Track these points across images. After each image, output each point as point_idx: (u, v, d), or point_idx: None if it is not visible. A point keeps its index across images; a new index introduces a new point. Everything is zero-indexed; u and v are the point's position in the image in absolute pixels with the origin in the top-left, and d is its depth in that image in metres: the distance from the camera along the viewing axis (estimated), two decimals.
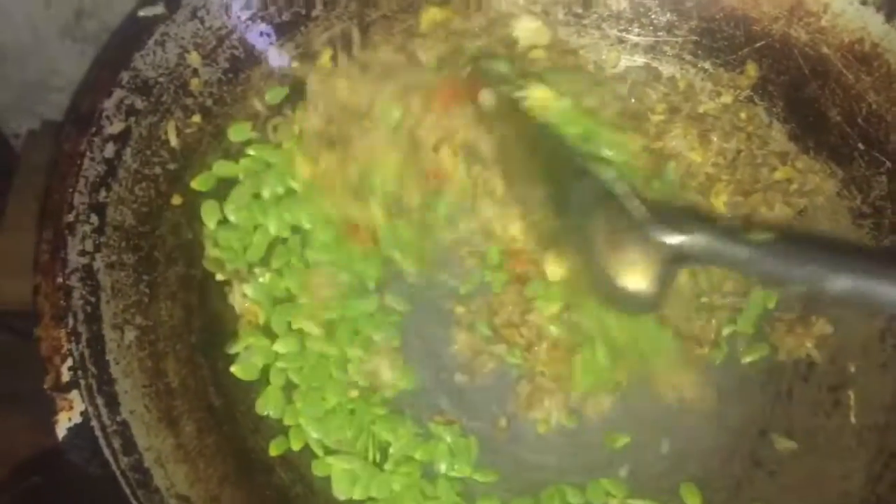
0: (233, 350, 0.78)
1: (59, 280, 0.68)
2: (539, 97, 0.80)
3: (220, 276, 0.80)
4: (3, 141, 1.39)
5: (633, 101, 0.93)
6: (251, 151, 0.85)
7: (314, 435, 0.78)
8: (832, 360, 0.84)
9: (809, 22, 0.88)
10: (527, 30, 0.92)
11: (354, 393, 0.81)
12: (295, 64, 0.88)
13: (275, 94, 0.87)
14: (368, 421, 0.80)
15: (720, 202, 0.86)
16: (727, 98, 0.92)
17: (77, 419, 0.63)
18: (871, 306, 0.64)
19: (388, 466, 0.79)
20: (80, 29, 1.20)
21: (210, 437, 0.72)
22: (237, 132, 0.84)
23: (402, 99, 0.81)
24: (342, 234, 0.82)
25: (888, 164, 0.85)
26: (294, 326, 0.81)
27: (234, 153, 0.85)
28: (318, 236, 0.83)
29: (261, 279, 0.81)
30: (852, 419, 0.80)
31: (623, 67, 0.95)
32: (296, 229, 0.84)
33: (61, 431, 0.63)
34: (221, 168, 0.83)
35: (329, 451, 0.78)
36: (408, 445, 0.79)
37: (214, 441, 0.72)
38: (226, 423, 0.74)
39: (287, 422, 0.78)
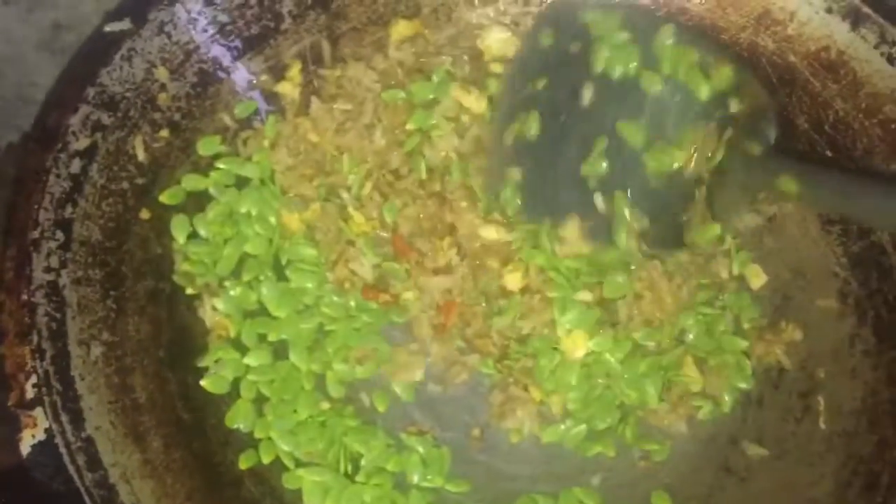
0: (203, 363, 0.78)
1: (24, 297, 0.67)
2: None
3: (190, 290, 0.80)
4: None
5: None
6: (221, 165, 0.85)
7: (285, 447, 0.78)
8: (802, 366, 0.84)
9: (776, 31, 0.88)
10: (496, 41, 0.93)
11: (326, 405, 0.81)
12: (264, 77, 0.89)
13: (244, 108, 0.88)
14: (340, 433, 0.79)
15: None
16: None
17: (41, 436, 0.63)
18: None
19: (359, 478, 0.78)
20: (58, 41, 1.20)
21: (178, 452, 0.72)
22: (206, 146, 0.85)
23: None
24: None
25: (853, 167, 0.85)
26: (271, 339, 0.81)
27: (204, 167, 0.85)
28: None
29: (231, 292, 0.81)
30: (822, 425, 0.81)
31: None
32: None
33: (25, 449, 0.62)
34: (191, 182, 0.83)
35: (300, 464, 0.78)
36: (379, 457, 0.79)
37: (182, 456, 0.72)
38: (194, 438, 0.74)
39: (258, 435, 0.78)
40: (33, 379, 0.65)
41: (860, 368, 0.81)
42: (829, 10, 0.85)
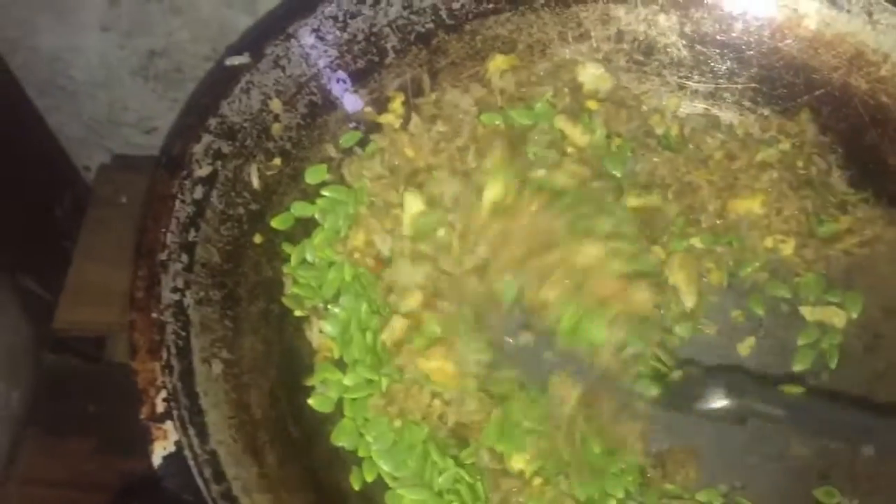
0: (310, 383, 0.81)
1: (154, 315, 0.71)
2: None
3: (298, 312, 0.84)
4: (74, 173, 1.45)
5: (691, 146, 0.96)
6: (326, 193, 0.88)
7: (385, 467, 0.80)
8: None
9: (869, 71, 0.90)
10: (591, 76, 0.96)
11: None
12: (368, 109, 0.92)
13: (348, 138, 0.91)
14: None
15: (788, 249, 0.88)
16: (786, 145, 0.94)
17: (171, 448, 0.67)
18: None
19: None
20: (151, 68, 1.26)
21: (291, 468, 0.75)
22: (313, 174, 0.88)
23: None
24: None
25: None
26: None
27: (311, 194, 0.89)
28: None
29: (336, 314, 0.84)
30: None
31: (683, 114, 0.98)
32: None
33: (157, 459, 0.66)
34: (299, 209, 0.87)
35: (400, 483, 0.80)
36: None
37: (294, 472, 0.75)
38: (304, 455, 0.77)
39: (360, 454, 0.80)
40: (163, 393, 0.68)
41: None
42: None
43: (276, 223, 0.85)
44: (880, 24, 0.88)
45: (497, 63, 0.96)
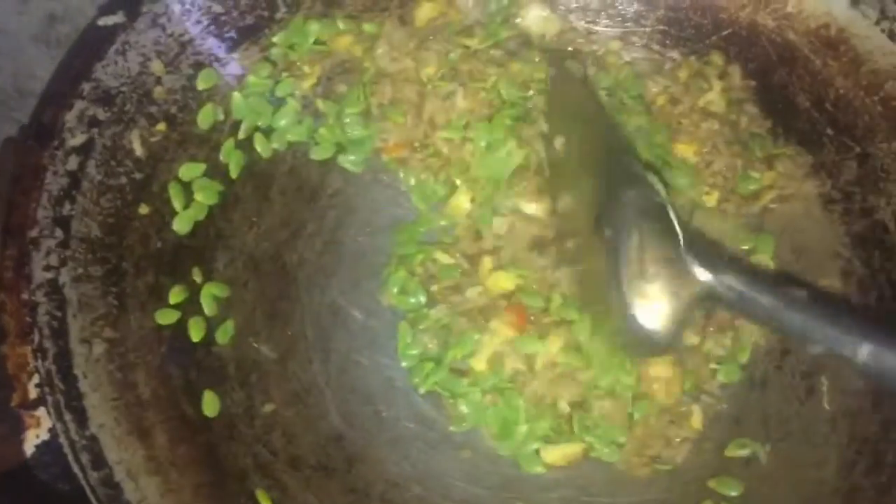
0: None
1: (24, 296, 0.67)
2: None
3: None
4: None
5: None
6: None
7: None
8: (804, 345, 0.84)
9: (776, 8, 0.88)
10: (537, 18, 0.92)
11: None
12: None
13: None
14: None
15: (712, 201, 0.87)
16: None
17: (45, 436, 0.63)
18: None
19: None
20: (53, 33, 1.20)
21: (182, 447, 0.72)
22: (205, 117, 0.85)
23: None
24: None
25: (857, 148, 0.85)
26: None
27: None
28: None
29: None
30: (826, 406, 0.81)
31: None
32: None
33: (29, 449, 0.63)
34: (188, 171, 0.83)
35: None
36: None
37: (187, 450, 0.72)
38: (199, 432, 0.74)
39: None
40: (36, 379, 0.65)
41: None
42: None
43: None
44: None
45: (425, 11, 0.92)
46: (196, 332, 0.78)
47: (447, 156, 0.87)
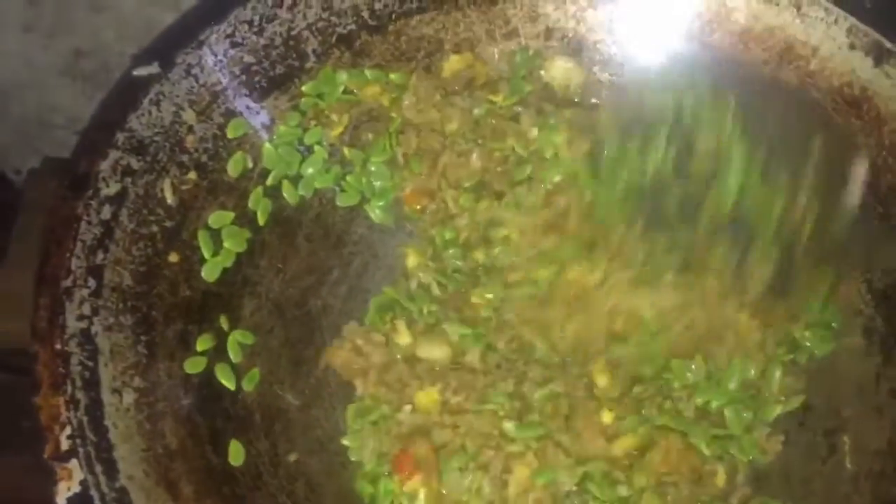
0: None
1: (58, 346, 0.68)
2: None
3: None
4: (2, 178, 1.40)
5: None
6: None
7: None
8: (827, 404, 0.84)
9: (799, 66, 0.89)
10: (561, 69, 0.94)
11: None
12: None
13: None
14: None
15: None
16: None
17: (76, 488, 0.64)
18: None
19: None
20: (78, 68, 1.22)
21: (209, 499, 0.73)
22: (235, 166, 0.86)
23: None
24: None
25: (880, 208, 0.85)
26: None
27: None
28: None
29: None
30: (848, 465, 0.81)
31: None
32: None
33: (61, 501, 0.63)
34: (217, 220, 0.84)
35: None
36: None
37: (213, 502, 0.73)
38: (224, 483, 0.75)
39: None
40: (68, 430, 0.65)
41: (887, 408, 0.81)
42: (851, 46, 0.86)
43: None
44: (809, 16, 0.87)
45: (452, 64, 0.93)
46: (224, 380, 0.79)
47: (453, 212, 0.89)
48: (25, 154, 1.38)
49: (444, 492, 0.78)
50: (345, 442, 0.82)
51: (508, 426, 0.78)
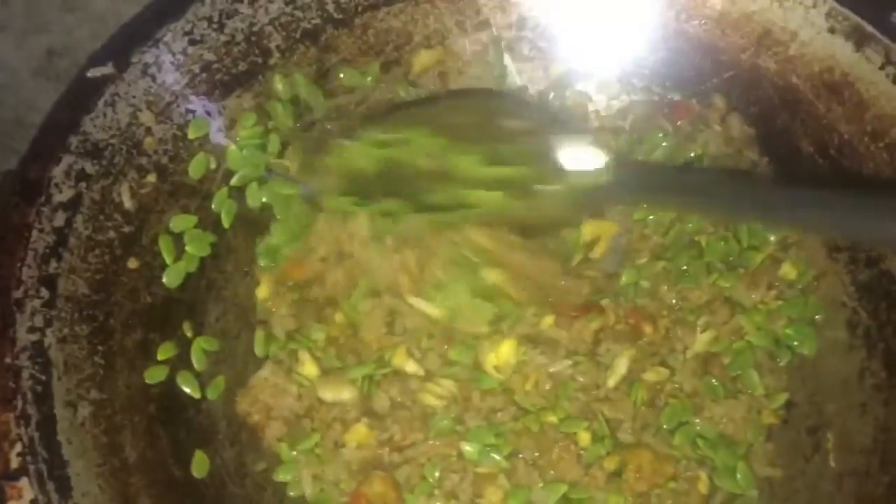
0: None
1: (8, 360, 0.66)
2: None
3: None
4: None
5: None
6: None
7: None
8: (811, 400, 0.82)
9: (778, 51, 0.86)
10: None
11: None
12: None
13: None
14: None
15: None
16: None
17: None
18: None
19: None
20: (52, 68, 1.20)
21: None
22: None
23: None
24: None
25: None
26: None
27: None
28: None
29: None
30: (832, 463, 0.78)
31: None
32: None
33: None
34: (179, 223, 0.81)
35: None
36: None
37: None
38: (186, 496, 0.73)
39: None
40: (18, 447, 0.63)
41: (871, 404, 0.79)
42: (831, 30, 0.83)
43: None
44: (787, 1, 0.84)
45: (422, 59, 0.91)
46: (188, 388, 0.77)
47: None
48: (4, 155, 1.36)
49: None
50: (277, 477, 0.78)
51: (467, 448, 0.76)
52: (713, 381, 0.80)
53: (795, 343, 0.82)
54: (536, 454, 0.76)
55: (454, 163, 0.77)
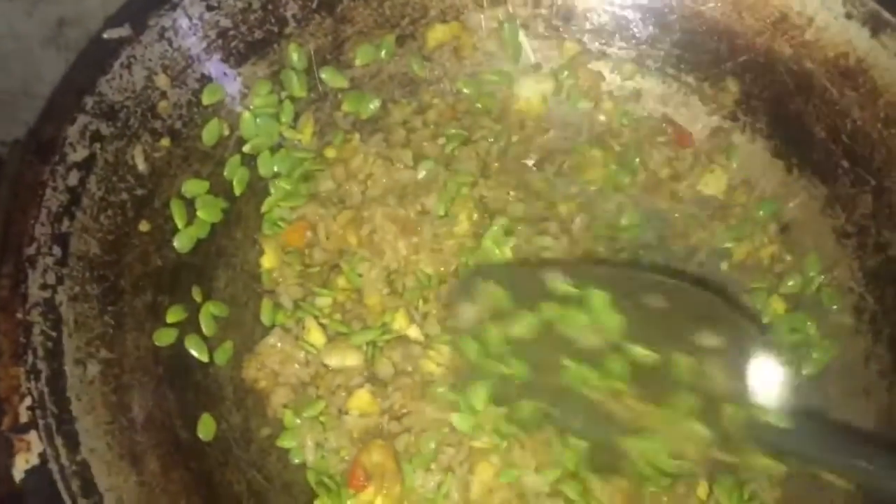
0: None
1: (19, 316, 0.66)
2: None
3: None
4: None
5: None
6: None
7: None
8: (815, 382, 0.82)
9: (793, 36, 0.86)
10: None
11: None
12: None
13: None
14: None
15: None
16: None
17: (35, 461, 0.62)
18: None
19: None
20: (62, 37, 1.20)
21: (175, 473, 0.71)
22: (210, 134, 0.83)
23: None
24: None
25: (873, 181, 0.83)
26: None
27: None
28: None
29: None
30: None
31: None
32: None
33: (18, 475, 0.61)
34: (191, 187, 0.81)
35: None
36: None
37: (180, 476, 0.71)
38: (192, 457, 0.73)
39: None
40: (27, 401, 0.63)
41: (875, 389, 0.79)
42: (848, 16, 0.83)
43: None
44: None
45: (437, 34, 0.91)
46: (196, 351, 0.77)
47: None
48: (10, 125, 1.36)
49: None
50: (281, 444, 0.78)
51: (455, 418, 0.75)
52: None
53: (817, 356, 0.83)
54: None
55: (617, 365, 0.68)
